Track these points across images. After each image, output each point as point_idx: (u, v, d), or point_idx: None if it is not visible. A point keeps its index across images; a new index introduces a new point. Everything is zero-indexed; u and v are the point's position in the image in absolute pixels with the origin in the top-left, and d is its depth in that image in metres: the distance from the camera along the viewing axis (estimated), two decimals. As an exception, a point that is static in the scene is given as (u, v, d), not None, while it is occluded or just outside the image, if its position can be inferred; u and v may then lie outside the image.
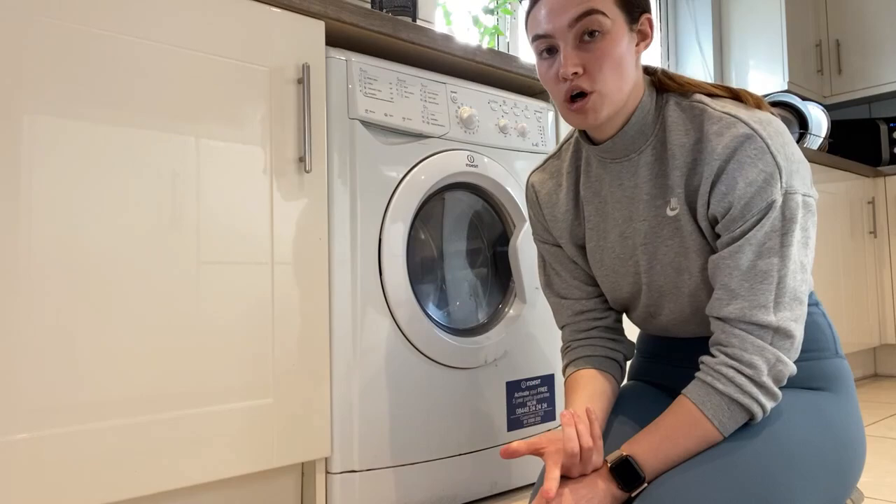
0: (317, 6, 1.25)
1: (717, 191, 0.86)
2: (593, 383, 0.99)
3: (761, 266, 0.85)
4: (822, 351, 0.97)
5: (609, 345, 1.05)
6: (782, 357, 0.85)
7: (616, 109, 0.90)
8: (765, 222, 0.85)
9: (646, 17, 0.91)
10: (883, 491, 1.46)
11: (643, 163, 0.94)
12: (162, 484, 1.03)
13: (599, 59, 0.86)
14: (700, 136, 0.89)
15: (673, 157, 0.91)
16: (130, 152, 1.03)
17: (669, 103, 0.94)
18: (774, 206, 0.84)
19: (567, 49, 0.87)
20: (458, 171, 1.42)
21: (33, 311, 0.93)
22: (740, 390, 0.84)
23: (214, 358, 1.09)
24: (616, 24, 0.87)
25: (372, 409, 1.27)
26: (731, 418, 0.85)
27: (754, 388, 0.84)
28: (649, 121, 0.93)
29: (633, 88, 0.91)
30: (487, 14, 2.40)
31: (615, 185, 0.98)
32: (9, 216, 0.92)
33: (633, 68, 0.90)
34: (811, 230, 0.89)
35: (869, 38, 3.46)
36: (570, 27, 0.86)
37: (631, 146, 0.94)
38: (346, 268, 1.26)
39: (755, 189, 0.84)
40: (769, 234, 0.85)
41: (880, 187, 3.20)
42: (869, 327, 3.04)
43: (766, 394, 0.85)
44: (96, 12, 1.01)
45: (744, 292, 0.85)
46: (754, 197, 0.84)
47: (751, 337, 0.85)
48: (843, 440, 0.90)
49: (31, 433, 0.92)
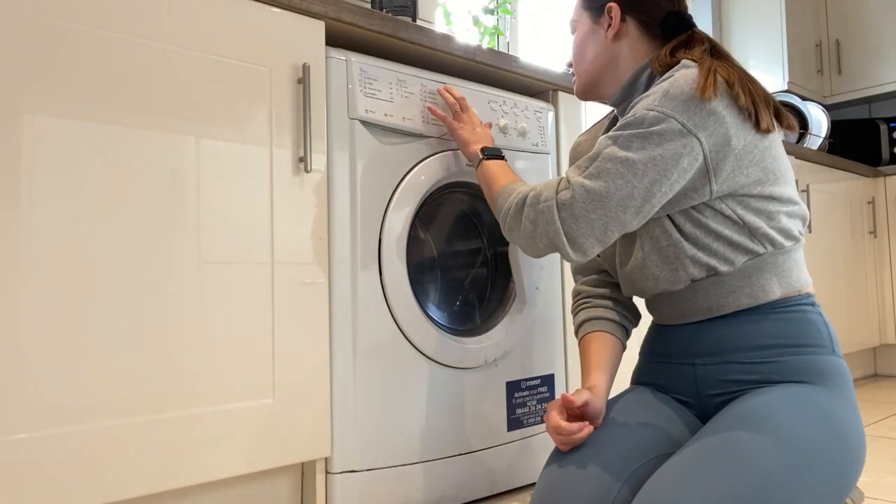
0: (317, 6, 1.25)
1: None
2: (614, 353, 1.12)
3: (606, 153, 0.96)
4: (817, 347, 0.97)
5: (619, 308, 1.16)
6: (552, 204, 0.97)
7: (585, 84, 1.16)
8: (627, 136, 0.95)
9: (606, 6, 1.09)
10: (883, 491, 1.46)
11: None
12: (162, 484, 1.03)
13: (572, 50, 1.17)
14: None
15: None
16: (130, 152, 1.03)
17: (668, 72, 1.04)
18: (638, 122, 0.94)
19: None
20: (458, 171, 1.42)
21: (33, 311, 0.93)
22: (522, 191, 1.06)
23: (214, 358, 1.09)
24: (580, 24, 1.14)
25: (372, 409, 1.27)
26: (508, 192, 1.10)
27: (519, 198, 1.04)
28: (639, 88, 1.08)
29: (607, 64, 1.11)
30: (487, 14, 2.40)
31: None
32: (9, 216, 0.92)
33: (602, 50, 1.11)
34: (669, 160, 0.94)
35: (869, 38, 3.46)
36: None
37: (621, 107, 1.13)
38: (346, 268, 1.26)
39: (641, 107, 0.96)
40: (613, 152, 0.95)
41: (880, 187, 3.20)
42: (869, 327, 3.04)
43: (518, 208, 1.04)
44: (97, 12, 1.01)
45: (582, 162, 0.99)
46: (633, 116, 0.96)
47: (555, 181, 1.00)
48: (840, 433, 0.90)
49: (31, 433, 0.92)
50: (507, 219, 1.06)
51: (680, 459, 0.86)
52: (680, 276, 1.00)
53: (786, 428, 0.87)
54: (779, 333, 0.97)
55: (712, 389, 1.01)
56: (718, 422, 0.91)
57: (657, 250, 1.01)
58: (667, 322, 1.08)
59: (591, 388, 1.03)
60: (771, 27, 3.34)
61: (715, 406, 1.01)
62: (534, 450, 1.54)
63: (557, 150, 1.70)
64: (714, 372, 1.00)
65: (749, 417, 0.88)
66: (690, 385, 1.04)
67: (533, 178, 1.59)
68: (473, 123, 1.34)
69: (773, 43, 3.33)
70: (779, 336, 0.97)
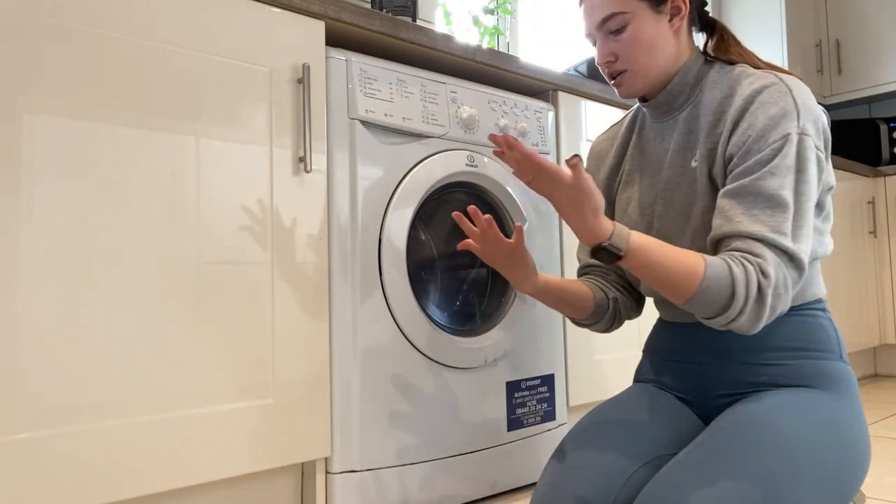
0: (317, 6, 1.25)
1: (739, 128, 0.93)
2: (578, 290, 1.09)
3: (782, 196, 0.87)
4: (825, 352, 0.97)
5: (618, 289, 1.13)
6: (788, 284, 0.86)
7: (650, 81, 1.03)
8: (783, 154, 0.89)
9: None
10: (883, 491, 1.46)
11: (681, 119, 1.04)
12: (162, 484, 1.03)
13: (627, 46, 1.01)
14: (731, 91, 0.98)
15: (704, 112, 1.01)
16: (130, 152, 1.03)
17: (714, 67, 1.04)
18: (790, 140, 0.89)
19: (600, 43, 1.03)
20: (458, 171, 1.42)
21: (33, 312, 0.93)
22: (745, 275, 0.84)
23: (214, 358, 1.09)
24: (637, 15, 1.00)
25: (372, 409, 1.27)
26: (718, 278, 0.84)
27: (754, 288, 0.84)
28: (690, 82, 1.04)
29: (670, 58, 1.02)
30: (487, 14, 2.40)
31: (657, 142, 1.08)
32: (9, 216, 0.92)
33: (667, 43, 1.02)
34: (817, 186, 0.92)
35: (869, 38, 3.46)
36: (598, 28, 1.02)
37: (672, 104, 1.05)
38: (346, 268, 1.26)
39: (774, 122, 0.90)
40: (787, 167, 0.88)
41: (880, 187, 3.20)
42: (869, 327, 3.04)
43: (758, 300, 0.85)
44: (97, 12, 1.01)
45: (765, 218, 0.87)
46: (772, 128, 0.90)
47: (772, 253, 0.86)
48: (844, 439, 0.90)
49: (31, 433, 0.92)
50: (740, 318, 0.85)
51: (682, 461, 0.86)
52: None
53: (789, 433, 0.86)
54: (788, 337, 0.97)
55: (717, 390, 1.01)
56: (721, 424, 0.90)
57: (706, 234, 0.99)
58: (677, 320, 1.07)
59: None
60: (771, 27, 3.34)
61: (718, 407, 1.01)
62: (534, 450, 1.54)
63: (557, 150, 1.70)
64: (720, 373, 1.00)
65: (752, 421, 0.88)
66: (695, 385, 1.03)
67: (533, 178, 1.59)
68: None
69: (773, 43, 3.33)
70: (788, 339, 0.97)
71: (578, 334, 1.70)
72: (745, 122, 0.93)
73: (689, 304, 0.87)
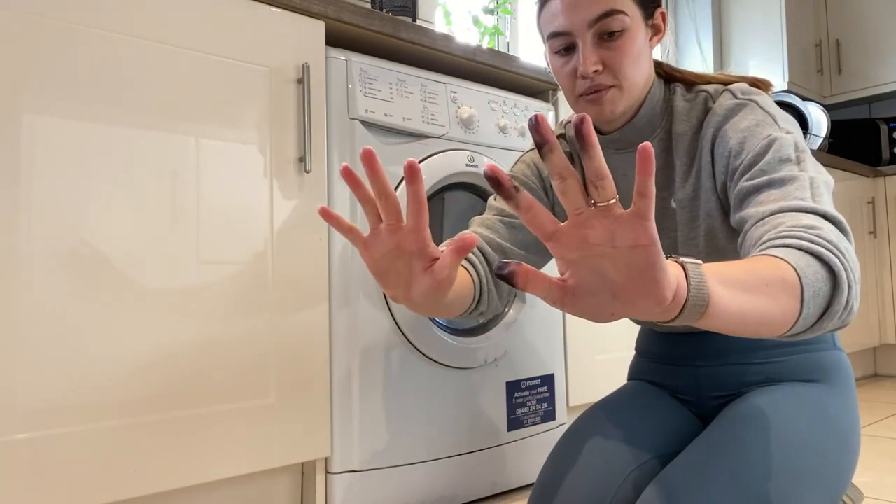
0: (317, 6, 1.25)
1: (717, 153, 0.86)
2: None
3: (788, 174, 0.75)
4: (819, 343, 0.97)
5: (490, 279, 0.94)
6: (839, 233, 0.69)
7: (632, 104, 0.90)
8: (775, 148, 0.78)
9: (659, 11, 0.91)
10: (883, 491, 1.46)
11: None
12: (162, 484, 1.03)
13: (620, 56, 0.86)
14: (698, 124, 0.91)
15: (678, 148, 0.93)
16: (130, 152, 1.03)
17: (676, 94, 0.94)
18: (776, 140, 0.79)
19: (587, 47, 0.86)
20: (458, 171, 1.42)
21: (33, 312, 0.93)
22: (810, 243, 0.66)
23: (214, 358, 1.09)
24: (635, 21, 0.86)
25: (372, 409, 1.27)
26: (808, 265, 0.64)
27: (823, 241, 0.66)
28: (657, 111, 0.94)
29: (645, 82, 0.91)
30: (487, 14, 2.40)
31: (619, 177, 0.98)
32: (9, 216, 0.92)
33: (648, 62, 0.91)
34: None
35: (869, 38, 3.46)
36: (589, 26, 0.85)
37: (639, 136, 0.94)
38: (346, 268, 1.26)
39: (748, 132, 0.82)
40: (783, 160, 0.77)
41: (880, 187, 3.20)
42: (869, 327, 3.04)
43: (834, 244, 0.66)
44: (96, 12, 1.01)
45: (777, 196, 0.74)
46: (749, 136, 0.81)
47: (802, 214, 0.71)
48: (840, 432, 0.90)
49: (31, 433, 0.92)
50: (846, 316, 0.67)
51: (682, 461, 0.86)
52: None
53: (787, 429, 0.87)
54: None
55: (714, 391, 1.01)
56: (721, 423, 0.90)
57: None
58: (666, 330, 1.06)
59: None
60: (771, 27, 3.34)
61: (715, 407, 1.01)
62: (534, 450, 1.54)
63: (557, 150, 1.70)
64: (716, 374, 1.00)
65: (751, 418, 0.88)
66: (691, 385, 1.03)
67: (533, 178, 1.59)
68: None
69: (773, 43, 3.33)
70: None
71: (578, 334, 1.70)
72: (720, 147, 0.86)
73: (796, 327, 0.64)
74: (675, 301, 0.53)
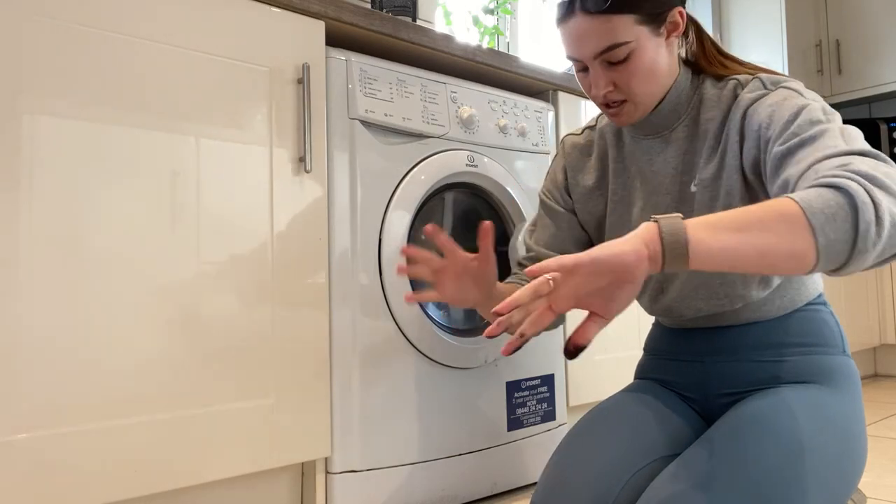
0: (317, 6, 1.25)
1: (748, 130, 0.88)
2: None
3: (819, 129, 0.77)
4: (828, 347, 0.97)
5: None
6: (874, 161, 0.70)
7: (650, 107, 0.95)
8: (805, 114, 0.80)
9: (675, 10, 0.92)
10: (883, 491, 1.46)
11: (674, 139, 0.98)
12: (162, 484, 1.03)
13: (628, 77, 0.91)
14: (728, 108, 0.93)
15: (705, 134, 0.95)
16: (130, 152, 1.03)
17: (706, 82, 0.98)
18: (805, 107, 0.82)
19: (596, 72, 0.93)
20: (458, 171, 1.42)
21: (33, 312, 0.93)
22: (829, 178, 0.67)
23: (214, 358, 1.09)
24: (639, 42, 0.90)
25: (372, 410, 1.27)
26: (817, 195, 0.66)
27: (845, 172, 0.67)
28: (683, 99, 0.98)
29: (667, 76, 0.95)
30: (487, 14, 2.40)
31: (644, 161, 1.02)
32: (9, 216, 0.92)
33: (665, 63, 0.94)
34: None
35: (869, 38, 3.46)
36: (594, 58, 0.91)
37: (664, 123, 0.98)
38: (346, 268, 1.26)
39: (777, 106, 0.85)
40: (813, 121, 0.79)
41: (880, 187, 3.19)
42: (869, 327, 3.04)
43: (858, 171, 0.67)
44: (96, 12, 1.01)
45: (811, 151, 0.75)
46: (778, 108, 0.84)
47: (833, 159, 0.72)
48: (846, 436, 0.90)
49: (31, 433, 0.92)
50: (882, 231, 0.66)
51: (684, 462, 0.86)
52: (723, 304, 0.98)
53: (792, 431, 0.86)
54: (792, 332, 0.97)
55: (720, 389, 1.01)
56: (724, 424, 0.90)
57: (706, 286, 0.98)
58: (678, 326, 1.07)
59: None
60: (771, 27, 3.34)
61: (720, 406, 1.00)
62: (534, 450, 1.54)
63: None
64: (724, 370, 1.00)
65: (755, 420, 0.87)
66: (697, 382, 1.03)
67: (532, 178, 1.59)
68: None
69: (773, 43, 3.33)
70: (792, 335, 0.97)
71: (578, 334, 1.70)
72: (749, 127, 0.88)
73: (821, 256, 0.66)
74: (652, 252, 0.67)
